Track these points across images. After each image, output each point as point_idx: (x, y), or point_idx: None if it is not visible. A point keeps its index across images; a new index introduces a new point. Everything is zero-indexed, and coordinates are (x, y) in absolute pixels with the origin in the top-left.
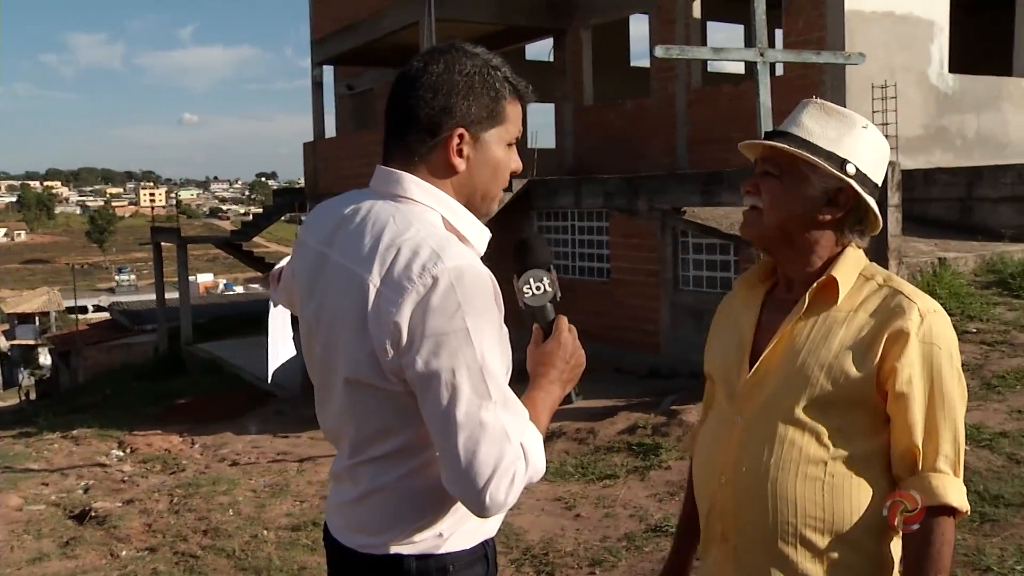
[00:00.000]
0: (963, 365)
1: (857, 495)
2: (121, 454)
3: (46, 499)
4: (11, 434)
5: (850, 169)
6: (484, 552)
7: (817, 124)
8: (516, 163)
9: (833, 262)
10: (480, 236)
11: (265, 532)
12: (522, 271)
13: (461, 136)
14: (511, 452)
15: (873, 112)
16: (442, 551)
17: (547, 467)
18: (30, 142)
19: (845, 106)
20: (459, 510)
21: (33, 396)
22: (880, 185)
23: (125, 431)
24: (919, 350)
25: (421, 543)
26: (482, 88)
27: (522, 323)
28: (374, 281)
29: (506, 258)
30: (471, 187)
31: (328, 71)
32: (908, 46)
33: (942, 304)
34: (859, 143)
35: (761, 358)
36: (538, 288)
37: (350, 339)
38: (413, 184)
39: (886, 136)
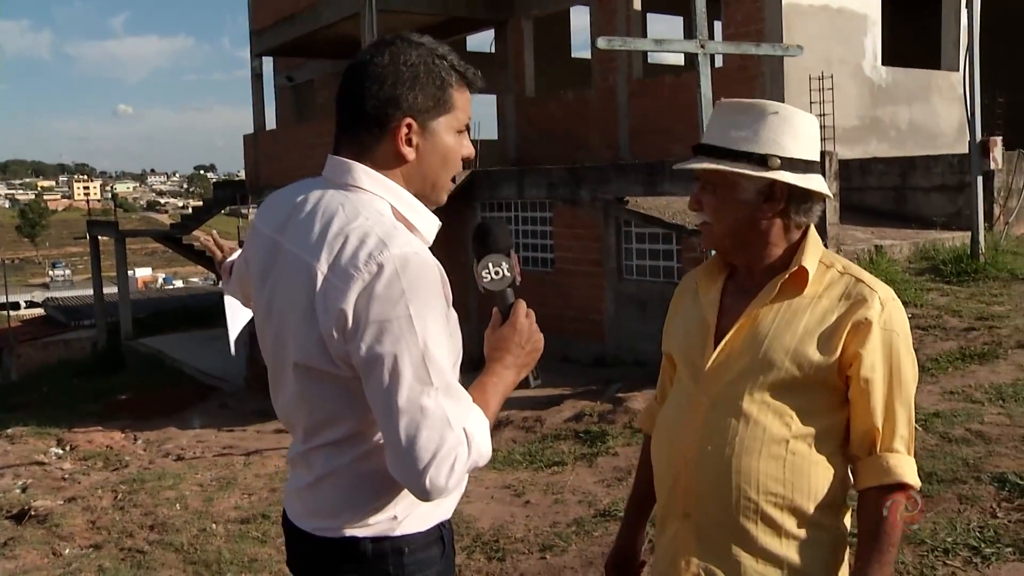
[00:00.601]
0: None
1: (816, 472)
2: (60, 452)
3: None
4: None
5: (773, 162)
6: (440, 534)
7: (731, 128)
8: (468, 149)
9: (797, 249)
10: (429, 225)
11: (214, 526)
12: (481, 255)
13: (409, 126)
14: (452, 438)
15: (811, 103)
16: (397, 533)
17: (495, 455)
18: None
19: (783, 97)
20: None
21: None
22: (817, 158)
23: (64, 429)
24: (880, 337)
25: (376, 525)
26: (427, 77)
27: (486, 312)
28: (322, 268)
29: (453, 247)
30: (421, 176)
31: (268, 62)
32: (844, 39)
33: None
34: (775, 131)
35: (725, 340)
36: (496, 273)
37: (299, 325)
38: (363, 174)
39: (823, 127)
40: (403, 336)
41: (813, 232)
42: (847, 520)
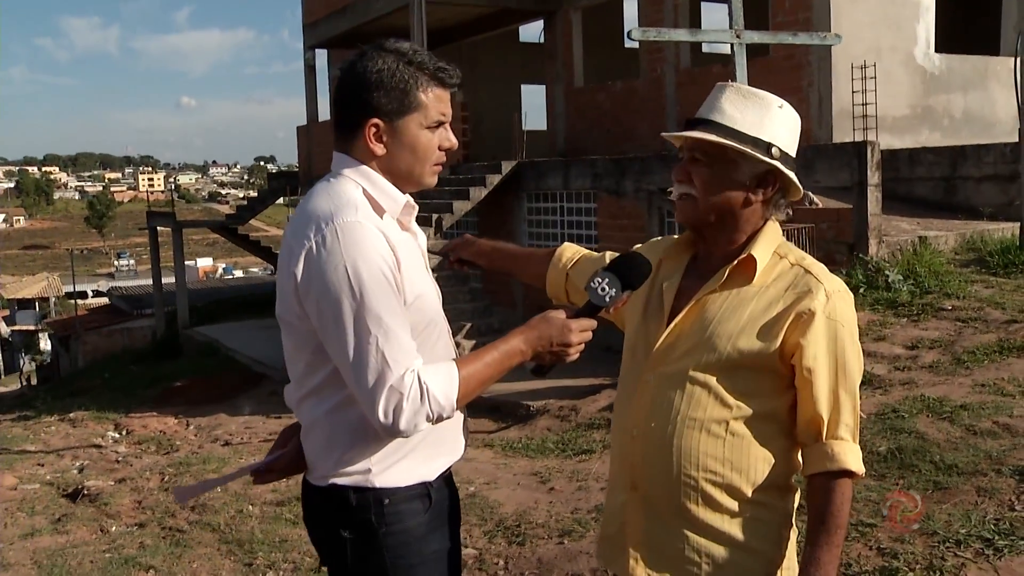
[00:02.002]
0: (935, 342)
1: (756, 453)
2: (117, 436)
3: (41, 479)
4: (10, 418)
5: (775, 152)
6: (426, 492)
7: (737, 110)
8: (447, 141)
9: (753, 238)
10: (393, 203)
11: (250, 507)
12: (614, 271)
13: (376, 126)
14: (391, 378)
15: (853, 92)
16: (377, 485)
17: (528, 443)
18: (27, 127)
19: (831, 86)
20: (386, 447)
21: (34, 381)
22: (794, 156)
23: (122, 413)
24: (825, 327)
25: (353, 475)
26: (391, 82)
27: (530, 304)
28: (290, 241)
29: (499, 234)
30: (394, 168)
31: (322, 54)
32: (895, 26)
33: (921, 282)
34: (778, 124)
35: (675, 322)
36: (603, 290)
37: (282, 286)
38: (345, 164)
39: (866, 116)
40: (343, 293)
41: (772, 224)
42: (795, 500)
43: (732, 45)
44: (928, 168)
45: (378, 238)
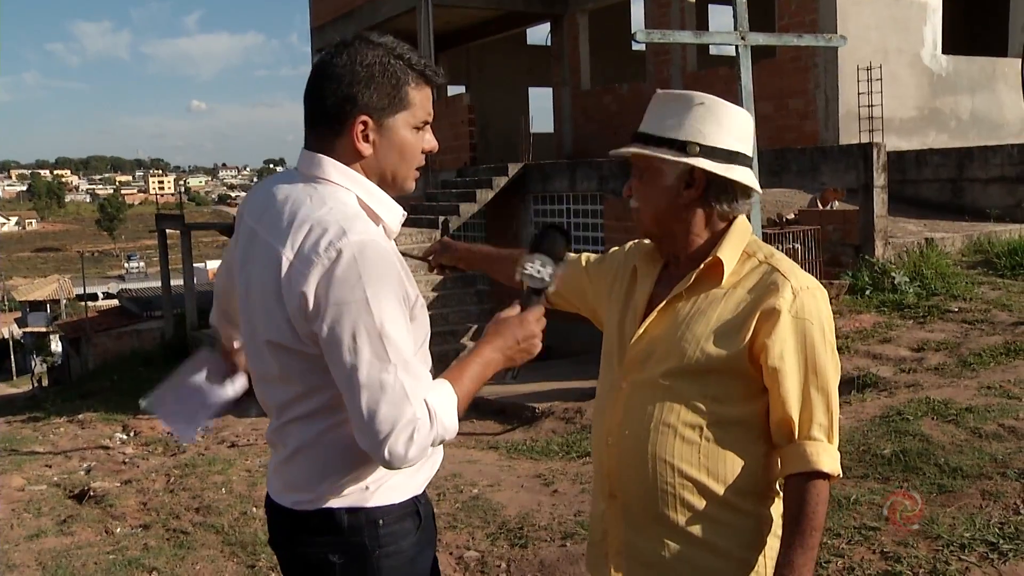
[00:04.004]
0: (941, 344)
1: (732, 458)
2: (125, 437)
3: (48, 480)
4: (20, 419)
5: (692, 149)
6: (416, 508)
7: (659, 116)
8: (429, 143)
9: (719, 240)
10: (392, 214)
11: (254, 509)
12: (535, 251)
13: (365, 123)
14: (409, 411)
15: (859, 94)
16: (371, 505)
17: (532, 445)
18: (39, 131)
19: (837, 88)
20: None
21: (46, 383)
22: (746, 151)
23: (130, 415)
24: (791, 325)
25: (349, 496)
26: (382, 76)
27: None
28: (287, 255)
29: (504, 237)
30: (380, 169)
31: None
32: (902, 28)
33: (927, 284)
34: (699, 120)
35: (644, 328)
36: (538, 272)
37: (271, 307)
38: (330, 166)
39: (873, 118)
40: (360, 317)
41: (739, 223)
42: (775, 508)
43: (737, 47)
44: (935, 170)
45: (393, 256)
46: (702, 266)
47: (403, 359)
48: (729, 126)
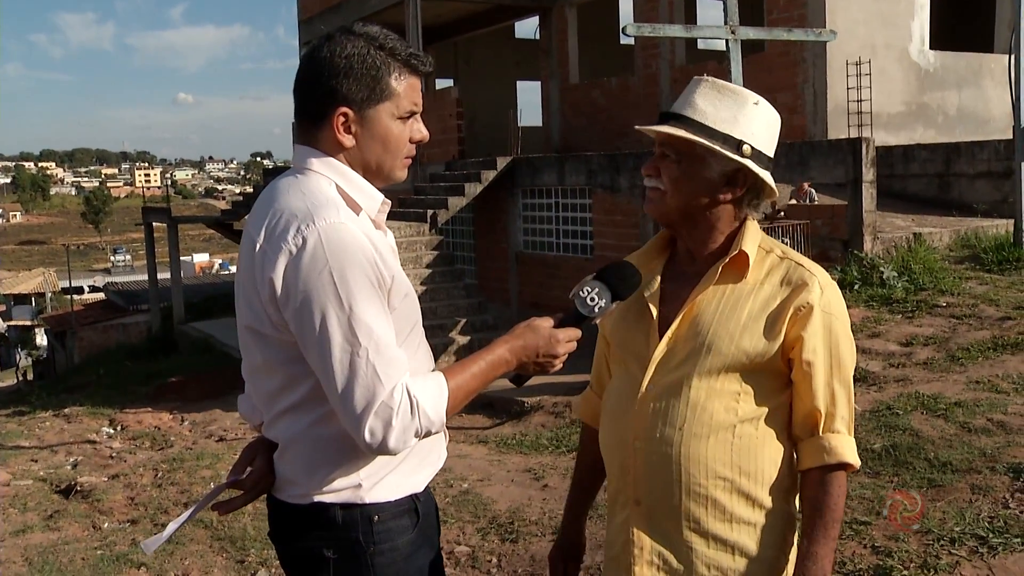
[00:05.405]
0: (930, 339)
1: (763, 455)
2: (111, 431)
3: (34, 475)
4: (5, 413)
5: (746, 150)
6: (413, 506)
7: (711, 105)
8: (418, 133)
9: (737, 236)
10: (371, 201)
11: None
12: (602, 280)
13: (345, 115)
14: (382, 392)
15: (848, 89)
16: (366, 501)
17: (522, 440)
18: (24, 123)
19: (826, 82)
20: (375, 460)
21: (30, 377)
22: (772, 157)
23: (116, 409)
24: (821, 320)
25: (342, 492)
26: (361, 68)
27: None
28: (260, 242)
29: (493, 230)
30: (363, 160)
31: None
32: (890, 23)
33: (915, 278)
34: (753, 121)
35: (672, 330)
36: (592, 300)
37: (250, 295)
38: (312, 157)
39: (862, 113)
40: (329, 301)
41: (751, 222)
42: (797, 502)
43: (727, 41)
44: (922, 165)
45: (363, 240)
46: (728, 259)
47: (375, 342)
48: (774, 132)
